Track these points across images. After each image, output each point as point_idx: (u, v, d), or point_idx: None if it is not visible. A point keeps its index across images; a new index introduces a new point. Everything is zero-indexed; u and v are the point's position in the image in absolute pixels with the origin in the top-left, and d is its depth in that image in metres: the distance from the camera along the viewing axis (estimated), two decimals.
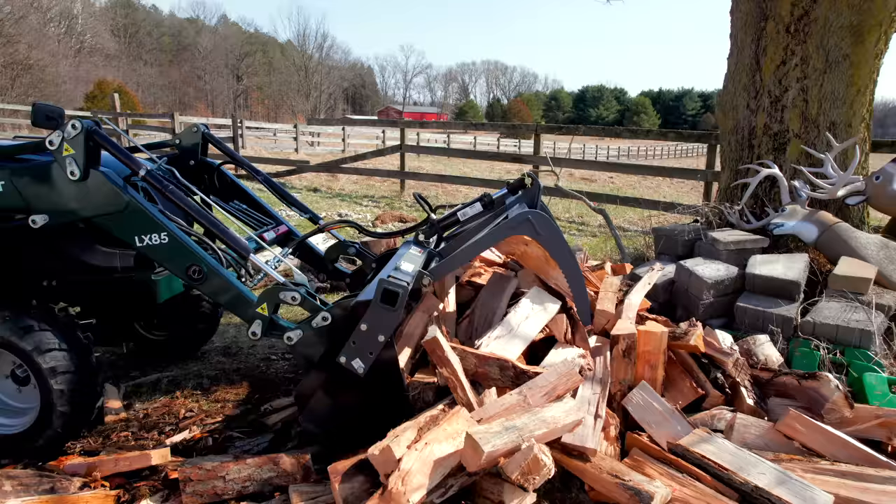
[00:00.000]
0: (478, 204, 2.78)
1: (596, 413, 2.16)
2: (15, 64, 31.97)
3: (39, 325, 2.31)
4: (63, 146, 2.20)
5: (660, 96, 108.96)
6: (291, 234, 3.05)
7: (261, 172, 3.15)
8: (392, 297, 2.04)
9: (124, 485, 2.18)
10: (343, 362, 2.11)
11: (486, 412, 2.00)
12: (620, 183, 17.19)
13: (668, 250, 4.33)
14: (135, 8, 66.35)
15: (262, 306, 2.24)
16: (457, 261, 2.46)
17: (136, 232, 2.27)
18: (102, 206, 2.27)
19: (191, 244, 2.28)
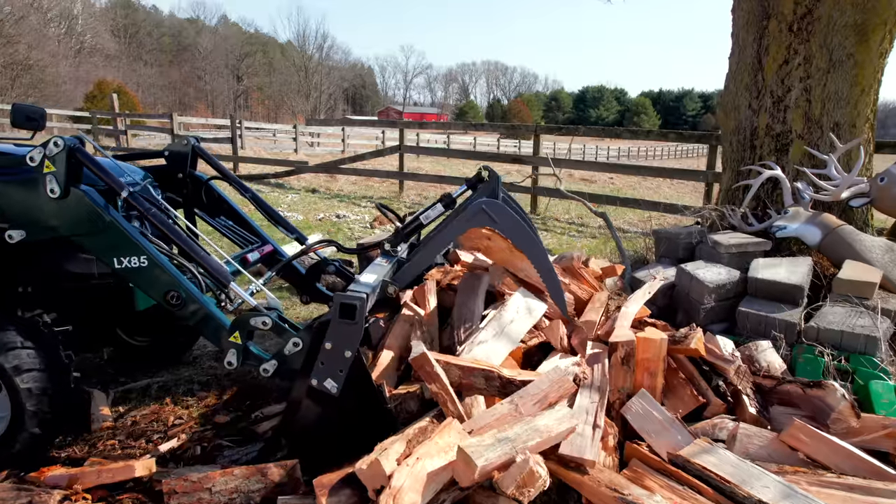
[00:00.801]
0: (439, 205, 2.75)
1: (594, 423, 2.09)
2: (15, 64, 31.92)
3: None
4: (44, 163, 2.15)
5: (660, 97, 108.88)
6: (277, 253, 3.01)
7: (249, 189, 3.10)
8: (349, 310, 1.99)
9: (107, 497, 2.12)
10: (315, 385, 2.06)
11: (477, 423, 1.93)
12: (620, 184, 17.12)
13: (668, 253, 4.26)
14: (135, 8, 66.34)
15: (235, 335, 2.20)
16: (419, 263, 2.43)
17: (115, 253, 2.23)
18: (82, 225, 2.23)
19: (170, 269, 2.24)
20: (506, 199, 2.67)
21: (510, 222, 2.29)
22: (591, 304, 2.90)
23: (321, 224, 7.90)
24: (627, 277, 3.91)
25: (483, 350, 2.33)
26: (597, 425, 2.08)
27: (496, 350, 2.35)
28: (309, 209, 9.10)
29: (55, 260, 2.53)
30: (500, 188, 2.71)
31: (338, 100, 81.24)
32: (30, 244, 2.31)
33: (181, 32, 69.36)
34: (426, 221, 2.77)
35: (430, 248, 2.41)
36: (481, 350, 2.32)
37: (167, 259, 2.26)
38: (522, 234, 2.33)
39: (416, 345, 2.08)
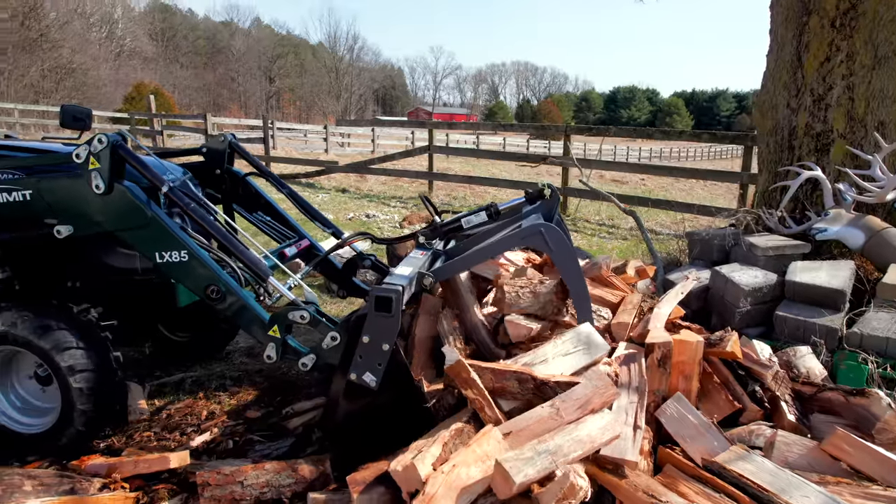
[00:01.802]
0: (483, 213, 2.74)
1: (634, 424, 2.05)
2: (59, 68, 33.03)
3: (57, 324, 2.33)
4: (89, 160, 2.20)
5: (693, 97, 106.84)
6: (314, 248, 3.03)
7: (286, 185, 3.14)
8: (386, 303, 2.00)
9: (143, 487, 2.17)
10: (354, 379, 2.07)
11: (517, 425, 1.90)
12: (652, 185, 16.86)
13: (702, 255, 4.18)
14: (172, 12, 67.92)
15: (274, 328, 2.23)
16: (465, 263, 2.42)
17: (157, 248, 2.28)
18: (125, 220, 2.28)
19: (210, 263, 2.27)
20: (559, 222, 2.64)
21: (562, 251, 2.28)
22: (622, 306, 2.85)
23: (351, 223, 7.97)
24: (660, 279, 3.84)
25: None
26: (637, 426, 2.04)
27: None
28: (339, 209, 9.18)
29: (101, 255, 2.60)
30: (557, 209, 2.68)
31: (368, 100, 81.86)
32: (77, 239, 2.37)
33: (215, 35, 70.73)
34: (466, 226, 2.76)
35: (479, 252, 2.40)
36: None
37: (207, 254, 2.30)
38: (572, 267, 2.31)
39: (450, 352, 2.04)
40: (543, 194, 2.71)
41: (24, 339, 2.29)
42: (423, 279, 2.30)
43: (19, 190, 2.34)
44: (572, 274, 2.33)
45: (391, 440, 2.02)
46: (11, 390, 2.51)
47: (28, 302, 2.43)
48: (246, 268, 2.32)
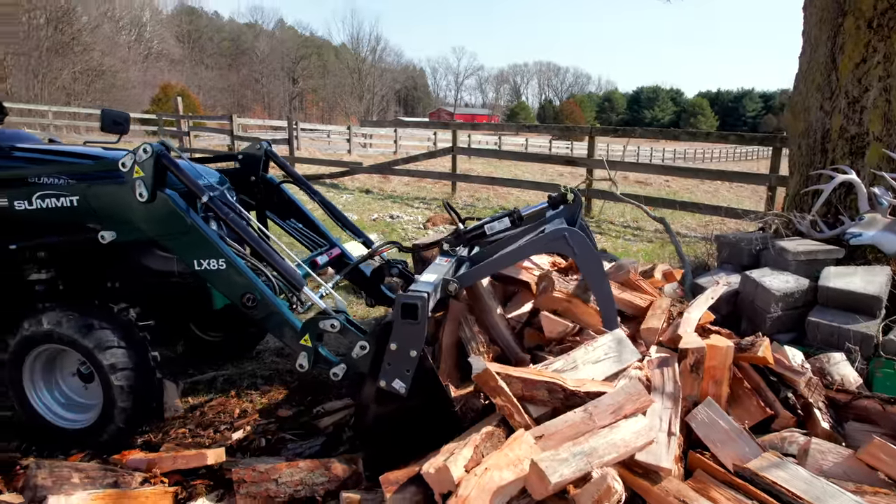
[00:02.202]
0: (506, 219, 2.75)
1: (669, 430, 2.05)
2: (90, 70, 33.78)
3: (100, 324, 2.40)
4: (134, 168, 2.27)
5: (718, 97, 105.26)
6: (344, 256, 3.08)
7: (318, 193, 3.19)
8: (411, 310, 2.03)
9: (182, 482, 2.22)
10: (384, 386, 2.10)
11: (548, 429, 1.91)
12: (677, 186, 16.67)
13: (731, 259, 4.14)
14: (198, 15, 68.96)
15: (305, 337, 2.27)
16: (489, 268, 2.44)
17: (196, 255, 2.34)
18: (166, 227, 2.34)
19: (247, 272, 2.33)
20: (583, 227, 2.65)
21: (587, 255, 2.29)
22: (651, 310, 2.84)
23: (375, 224, 8.02)
24: (688, 283, 3.82)
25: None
26: (671, 433, 2.04)
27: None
28: (363, 209, 9.25)
29: (140, 258, 2.67)
30: (580, 214, 2.69)
31: (390, 101, 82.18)
32: (118, 243, 2.45)
33: (240, 37, 71.59)
34: (490, 232, 2.78)
35: (503, 258, 2.42)
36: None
37: (244, 262, 2.35)
38: (596, 269, 2.32)
39: (476, 361, 2.05)
40: (567, 199, 2.72)
41: (69, 337, 2.37)
42: (447, 285, 2.33)
43: (67, 195, 2.42)
44: (596, 277, 2.34)
45: (422, 442, 2.05)
46: (56, 387, 2.60)
47: (72, 302, 2.50)
48: (281, 277, 2.37)
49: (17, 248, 2.56)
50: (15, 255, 2.60)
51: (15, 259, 2.62)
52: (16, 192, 2.48)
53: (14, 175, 2.51)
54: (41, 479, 1.93)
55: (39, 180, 2.48)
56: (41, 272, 2.69)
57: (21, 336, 2.43)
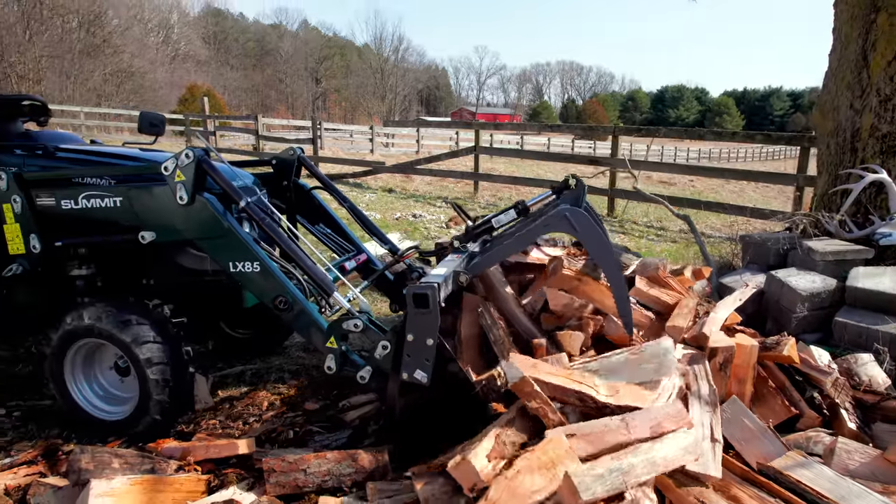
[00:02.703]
0: (512, 211, 2.79)
1: (712, 436, 2.01)
2: (120, 72, 34.54)
3: (137, 320, 2.48)
4: (176, 172, 2.35)
5: (744, 96, 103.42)
6: (370, 262, 3.15)
7: (347, 199, 3.26)
8: (422, 299, 2.09)
9: (214, 470, 2.29)
10: (406, 378, 2.16)
11: (581, 430, 1.88)
12: (701, 186, 16.48)
13: (756, 259, 4.10)
14: (224, 16, 69.96)
15: (331, 340, 2.34)
16: (496, 256, 2.47)
17: (231, 258, 2.41)
18: (204, 230, 2.42)
19: (280, 275, 2.40)
20: (588, 208, 2.68)
21: (590, 232, 2.30)
22: (678, 309, 2.84)
23: (398, 223, 8.09)
24: (714, 283, 3.80)
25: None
26: (715, 439, 2.00)
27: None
28: (386, 208, 9.33)
29: (175, 257, 2.76)
30: (584, 198, 2.71)
31: (412, 101, 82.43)
32: (156, 243, 2.54)
33: (264, 37, 72.45)
34: (497, 225, 2.82)
35: (508, 245, 2.46)
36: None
37: (277, 266, 2.42)
38: (601, 246, 2.33)
39: (510, 367, 2.00)
40: (569, 185, 2.75)
41: (108, 332, 2.46)
42: (458, 277, 2.37)
43: (111, 196, 2.52)
44: (604, 256, 2.34)
45: (450, 431, 2.09)
46: (94, 380, 2.69)
47: (111, 298, 2.60)
48: (311, 281, 2.43)
49: (62, 245, 2.66)
50: (59, 252, 2.70)
51: (58, 256, 2.72)
52: (62, 191, 2.58)
53: (61, 175, 2.62)
54: (84, 463, 2.02)
55: (84, 181, 2.58)
56: (82, 268, 2.79)
57: (63, 330, 2.53)
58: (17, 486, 2.17)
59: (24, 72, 28.23)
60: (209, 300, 3.08)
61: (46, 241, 2.65)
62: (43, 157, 2.77)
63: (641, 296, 2.86)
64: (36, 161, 2.75)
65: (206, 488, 2.15)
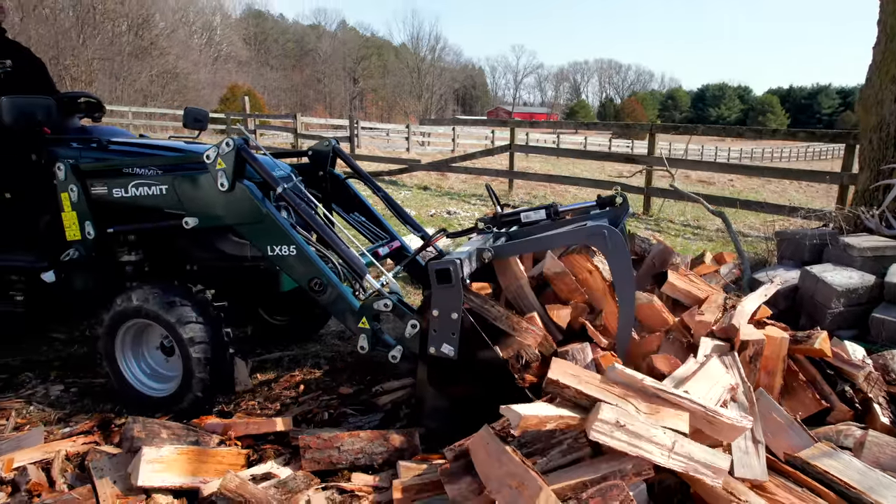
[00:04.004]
0: (542, 212, 2.80)
1: (754, 437, 2.00)
2: (165, 73, 35.63)
3: (181, 301, 2.62)
4: (217, 160, 2.48)
5: (790, 94, 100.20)
6: (403, 249, 3.23)
7: (381, 189, 3.36)
8: (444, 274, 2.16)
9: (253, 445, 2.42)
10: (434, 353, 2.23)
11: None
12: (741, 186, 16.11)
13: (792, 256, 4.05)
14: (265, 17, 71.42)
15: (363, 320, 2.42)
16: (525, 246, 2.51)
17: (269, 241, 2.53)
18: (244, 215, 2.54)
19: (315, 258, 2.49)
20: (624, 229, 2.68)
21: (621, 257, 2.29)
22: (706, 304, 2.83)
23: (433, 220, 8.19)
24: (746, 279, 3.77)
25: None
26: (757, 440, 1.99)
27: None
28: (421, 205, 9.44)
29: (216, 243, 2.90)
30: (625, 219, 2.72)
31: (448, 100, 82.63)
32: (198, 229, 2.68)
33: (303, 38, 73.69)
34: (525, 220, 2.85)
35: (539, 241, 2.50)
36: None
37: (312, 249, 2.53)
38: (626, 272, 2.32)
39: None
40: (614, 201, 2.76)
41: (155, 313, 2.61)
42: (482, 254, 2.42)
43: (158, 185, 2.67)
44: (625, 281, 2.33)
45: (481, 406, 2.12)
46: (142, 359, 2.85)
47: (157, 281, 2.75)
48: (345, 264, 2.53)
49: (113, 231, 2.83)
50: (110, 239, 2.87)
51: (110, 242, 2.90)
52: (114, 181, 2.75)
53: (113, 166, 2.79)
54: (137, 431, 2.16)
55: (133, 171, 2.74)
56: (131, 254, 2.96)
57: (114, 311, 2.69)
58: (76, 453, 2.33)
59: (78, 74, 29.41)
60: (248, 285, 3.21)
61: (99, 228, 2.82)
62: (97, 149, 2.95)
63: (673, 290, 2.86)
64: (90, 153, 2.93)
65: (246, 461, 2.27)
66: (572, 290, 2.61)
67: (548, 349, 2.35)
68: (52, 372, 3.25)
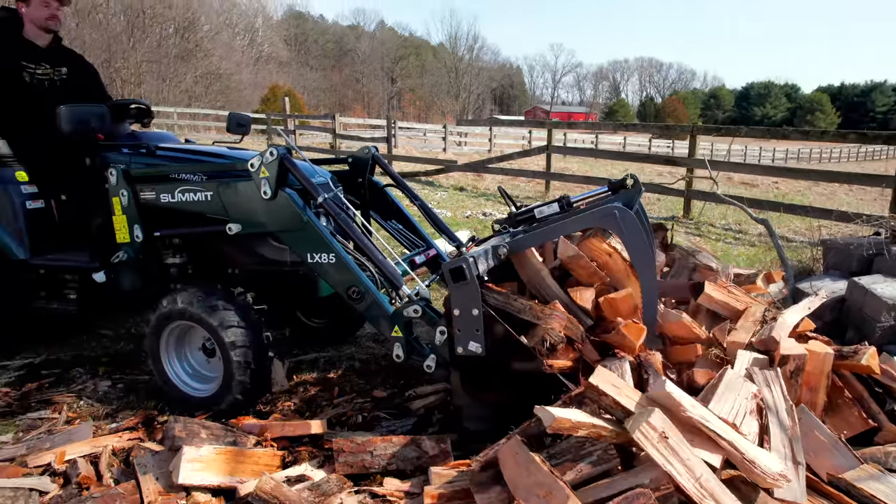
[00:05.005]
0: (555, 205, 2.78)
1: (794, 458, 1.93)
2: (209, 74, 36.65)
3: (223, 305, 2.69)
4: (261, 169, 2.55)
5: (841, 91, 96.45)
6: (439, 257, 3.26)
7: (418, 197, 3.41)
8: (459, 272, 2.17)
9: (288, 447, 2.47)
10: (462, 352, 2.24)
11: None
12: (786, 189, 15.62)
13: (839, 265, 3.91)
14: (305, 19, 72.58)
15: (395, 328, 2.45)
16: (539, 237, 2.49)
17: (309, 249, 2.59)
18: (285, 222, 2.61)
19: (353, 267, 2.54)
20: (639, 211, 2.66)
21: (635, 235, 2.29)
22: (742, 319, 2.71)
23: (468, 221, 8.20)
24: (790, 289, 3.66)
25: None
26: (797, 461, 1.93)
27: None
28: (457, 206, 9.47)
29: (257, 248, 2.97)
30: (639, 201, 2.71)
31: (485, 100, 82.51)
32: (241, 235, 2.75)
33: (342, 38, 74.52)
34: (539, 216, 2.83)
35: (552, 229, 2.49)
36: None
37: (351, 258, 2.57)
38: (644, 255, 2.31)
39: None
40: (626, 184, 2.75)
41: (198, 315, 2.68)
42: (498, 251, 2.42)
43: (203, 191, 2.76)
44: (643, 261, 2.33)
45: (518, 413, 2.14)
46: (185, 359, 2.94)
47: (200, 285, 2.84)
48: (382, 276, 2.57)
49: (159, 235, 2.93)
50: (157, 242, 2.98)
51: (156, 245, 3.00)
52: (161, 186, 2.85)
53: (161, 172, 2.89)
54: (178, 431, 2.24)
55: (180, 177, 2.84)
56: (176, 257, 3.06)
57: (160, 312, 2.78)
58: (121, 448, 2.44)
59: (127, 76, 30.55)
60: (287, 289, 3.28)
61: (147, 232, 2.92)
62: (146, 155, 3.06)
63: (710, 301, 2.79)
64: (140, 159, 3.04)
65: (281, 463, 2.32)
66: (592, 274, 2.56)
67: (575, 332, 2.32)
68: (100, 368, 3.38)
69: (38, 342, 3.61)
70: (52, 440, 2.48)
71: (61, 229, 3.33)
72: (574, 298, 2.47)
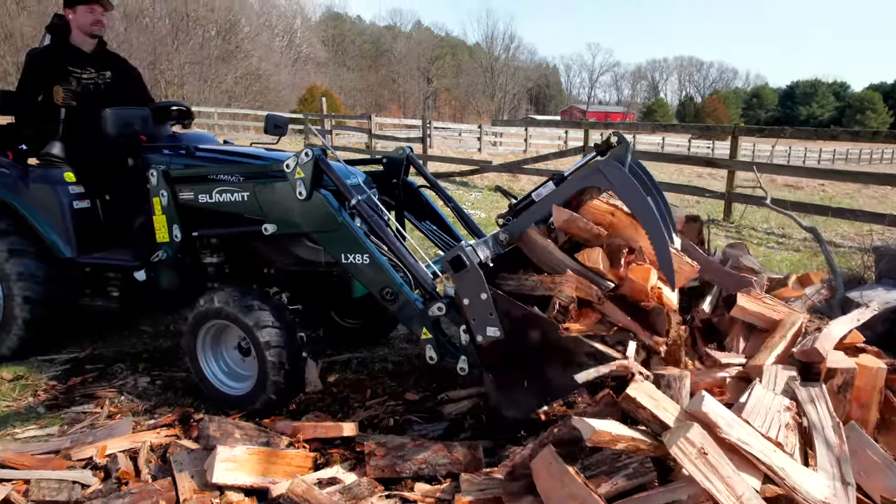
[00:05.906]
0: (550, 184, 2.75)
1: (843, 478, 1.84)
2: (249, 75, 37.48)
3: (259, 305, 2.72)
4: (296, 170, 2.57)
5: (894, 89, 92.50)
6: None
7: (452, 199, 3.40)
8: (458, 261, 2.20)
9: (320, 449, 2.47)
10: (482, 340, 2.24)
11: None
12: (833, 191, 15.08)
13: (891, 273, 3.73)
14: (342, 19, 73.41)
15: (424, 330, 2.45)
16: (532, 215, 2.48)
17: (343, 250, 2.60)
18: (320, 223, 2.63)
19: (388, 268, 2.55)
20: (633, 166, 2.62)
21: (624, 184, 2.25)
22: (777, 331, 2.56)
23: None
24: (839, 297, 3.52)
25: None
26: (846, 482, 1.84)
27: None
28: (491, 207, 9.43)
29: (292, 248, 3.00)
30: (629, 156, 2.65)
31: (521, 99, 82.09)
32: (276, 235, 2.78)
33: (379, 39, 75.11)
34: (537, 198, 2.78)
35: (545, 201, 2.46)
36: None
37: (385, 259, 2.58)
38: (636, 197, 2.25)
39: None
40: (611, 144, 2.70)
41: (234, 315, 2.72)
42: (498, 237, 2.43)
43: (240, 192, 2.80)
44: (640, 208, 2.27)
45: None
46: (220, 358, 2.99)
47: (237, 284, 2.88)
48: (414, 280, 2.58)
49: (197, 235, 2.99)
50: (195, 242, 3.03)
51: (194, 245, 3.06)
52: (199, 187, 2.91)
53: (200, 173, 2.95)
54: (212, 430, 2.27)
55: (218, 177, 2.88)
56: (213, 257, 3.11)
57: (197, 311, 2.84)
58: (159, 445, 2.49)
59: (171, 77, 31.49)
60: (321, 290, 3.31)
61: (185, 232, 2.98)
62: (185, 156, 3.12)
63: (744, 314, 2.65)
64: (179, 160, 3.10)
65: (313, 465, 2.33)
66: (594, 235, 2.47)
67: (589, 292, 2.27)
68: (140, 364, 3.47)
69: (82, 337, 3.72)
70: (94, 434, 2.55)
71: (105, 229, 3.42)
72: (582, 261, 2.41)
